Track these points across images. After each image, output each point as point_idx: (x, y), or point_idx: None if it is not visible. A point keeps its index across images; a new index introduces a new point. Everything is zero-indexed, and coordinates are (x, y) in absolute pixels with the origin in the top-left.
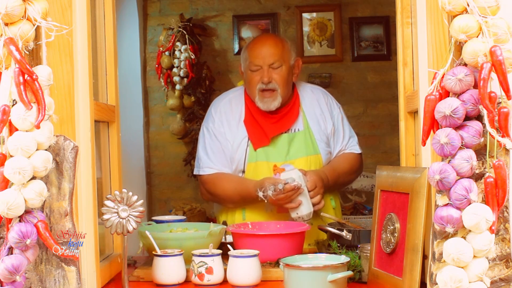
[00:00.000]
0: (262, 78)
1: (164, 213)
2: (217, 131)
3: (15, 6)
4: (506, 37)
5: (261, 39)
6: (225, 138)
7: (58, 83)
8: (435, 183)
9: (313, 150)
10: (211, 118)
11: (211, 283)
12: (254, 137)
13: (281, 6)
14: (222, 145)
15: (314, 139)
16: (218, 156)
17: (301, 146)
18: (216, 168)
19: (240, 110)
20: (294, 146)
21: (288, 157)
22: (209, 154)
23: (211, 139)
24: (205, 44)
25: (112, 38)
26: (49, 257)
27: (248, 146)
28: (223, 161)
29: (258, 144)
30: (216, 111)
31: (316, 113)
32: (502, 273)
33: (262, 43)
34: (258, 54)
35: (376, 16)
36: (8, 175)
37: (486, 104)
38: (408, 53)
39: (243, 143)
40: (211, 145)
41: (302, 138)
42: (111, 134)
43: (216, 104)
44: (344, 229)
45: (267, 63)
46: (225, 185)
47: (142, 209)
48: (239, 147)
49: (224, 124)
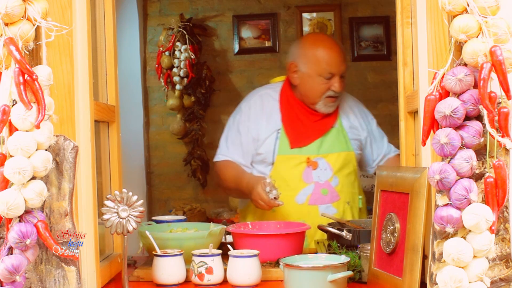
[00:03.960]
0: (334, 87)
1: (164, 213)
2: (242, 124)
3: (15, 6)
4: (506, 37)
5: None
6: (247, 132)
7: (58, 83)
8: (435, 183)
9: (346, 147)
10: (239, 111)
11: (211, 283)
12: (294, 136)
13: (281, 6)
14: (242, 138)
15: (347, 137)
16: (235, 147)
17: (335, 142)
18: (229, 156)
19: (271, 106)
20: (328, 141)
21: (321, 151)
22: (227, 144)
23: (233, 130)
24: (205, 44)
25: (112, 38)
26: (49, 257)
27: (278, 139)
28: (238, 152)
29: (297, 144)
30: (246, 105)
31: (349, 118)
32: (502, 273)
33: (335, 50)
34: (333, 61)
35: (376, 16)
36: (8, 175)
37: (486, 104)
38: (408, 53)
39: (272, 136)
40: (231, 136)
41: (335, 135)
42: (111, 134)
43: (247, 98)
44: (344, 229)
45: (341, 72)
46: (228, 172)
47: (142, 209)
48: (266, 140)
49: (251, 118)
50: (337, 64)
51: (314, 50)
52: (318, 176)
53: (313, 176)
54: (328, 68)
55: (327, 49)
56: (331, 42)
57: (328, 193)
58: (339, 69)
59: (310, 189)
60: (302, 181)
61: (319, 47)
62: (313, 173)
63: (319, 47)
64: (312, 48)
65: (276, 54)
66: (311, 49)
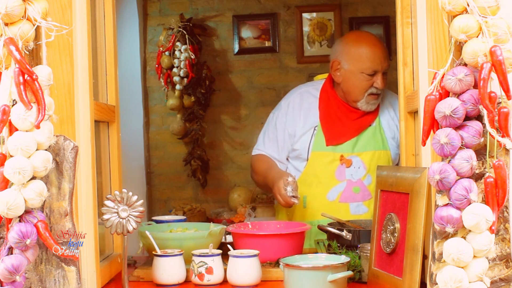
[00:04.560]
0: (377, 84)
1: (164, 213)
2: (279, 120)
3: (15, 6)
4: (506, 37)
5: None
6: (284, 128)
7: (58, 83)
8: (435, 183)
9: (382, 145)
10: (278, 107)
11: (211, 283)
12: (330, 134)
13: (281, 6)
14: (278, 134)
15: (384, 135)
16: (271, 143)
17: (370, 140)
18: (264, 151)
19: (310, 103)
20: (363, 139)
21: (355, 149)
22: (264, 139)
23: (271, 126)
24: (205, 44)
25: (112, 38)
26: (49, 257)
27: (314, 136)
28: (273, 148)
29: (332, 142)
30: (285, 102)
31: (389, 113)
32: (502, 273)
33: (378, 47)
34: (377, 58)
35: (376, 16)
36: (8, 175)
37: (486, 104)
38: (408, 53)
39: (308, 133)
40: (268, 131)
41: (371, 133)
42: (111, 134)
43: (288, 95)
44: (344, 229)
45: (383, 68)
46: (259, 165)
47: (142, 209)
48: (303, 136)
49: (288, 114)
50: (380, 61)
51: (357, 48)
52: (351, 174)
53: (346, 174)
54: (371, 65)
55: (370, 46)
56: (374, 39)
57: (360, 191)
58: (382, 66)
59: (342, 186)
60: (335, 178)
61: (362, 44)
62: (346, 171)
63: (362, 44)
64: (355, 46)
65: (276, 54)
66: (354, 47)
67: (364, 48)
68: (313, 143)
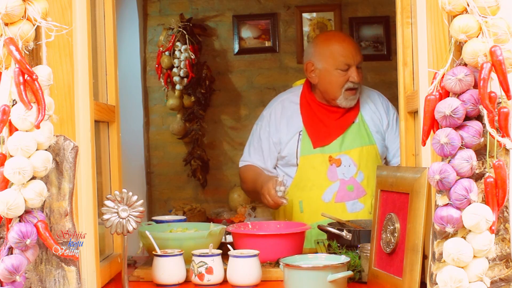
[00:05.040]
0: (352, 78)
1: (164, 213)
2: (263, 130)
3: (15, 6)
4: (506, 37)
5: (343, 37)
6: (268, 137)
7: (58, 83)
8: (435, 183)
9: (368, 140)
10: (261, 118)
11: (211, 283)
12: (316, 136)
13: (281, 6)
14: (263, 144)
15: (369, 130)
16: (256, 153)
17: (356, 137)
18: (251, 162)
19: (292, 110)
20: (349, 137)
21: (343, 148)
22: (250, 150)
23: (255, 137)
24: (205, 44)
25: (112, 38)
26: (49, 257)
27: (300, 141)
28: (259, 157)
29: (319, 143)
30: (267, 112)
31: (371, 108)
32: (502, 273)
33: (348, 42)
34: (349, 53)
35: (376, 16)
36: (8, 175)
37: (486, 104)
38: (408, 53)
39: (293, 139)
40: (253, 142)
41: (356, 130)
42: (111, 134)
43: (269, 105)
44: (344, 229)
45: (356, 62)
46: (247, 175)
47: (142, 209)
48: (289, 143)
49: (271, 123)
50: (352, 54)
51: (327, 46)
52: (343, 173)
53: (337, 173)
54: (344, 60)
55: (340, 42)
56: (342, 35)
57: (354, 189)
58: (355, 59)
59: (336, 186)
60: (327, 179)
61: (332, 41)
62: (337, 171)
63: (332, 42)
64: (325, 44)
65: (276, 54)
66: (325, 45)
67: (335, 45)
68: (301, 147)
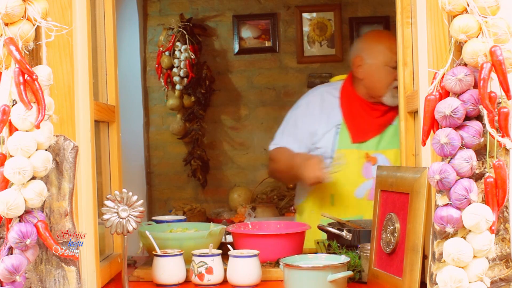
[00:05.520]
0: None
1: (164, 213)
2: (299, 118)
3: (15, 6)
4: (506, 37)
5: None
6: (303, 126)
7: (58, 83)
8: (435, 183)
9: None
10: (297, 106)
11: (211, 283)
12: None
13: (281, 6)
14: (297, 131)
15: None
16: (290, 138)
17: (392, 139)
18: (283, 144)
19: (331, 102)
20: (386, 138)
21: (380, 147)
22: (283, 135)
23: (289, 124)
24: (205, 44)
25: (112, 38)
26: (49, 257)
27: (338, 134)
28: (293, 143)
29: (358, 139)
30: (304, 101)
31: None
32: (502, 273)
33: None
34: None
35: (376, 16)
36: (8, 175)
37: (486, 104)
38: (408, 53)
39: (331, 131)
40: (287, 127)
41: (393, 132)
42: (111, 134)
43: (306, 95)
44: (344, 229)
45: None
46: (281, 155)
47: (142, 209)
48: (325, 135)
49: (308, 113)
50: None
51: (379, 42)
52: None
53: (372, 171)
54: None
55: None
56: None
57: None
58: None
59: (369, 184)
60: (362, 176)
61: (383, 38)
62: (372, 169)
63: (383, 39)
64: (376, 41)
65: (276, 54)
66: (376, 41)
67: (386, 42)
68: (338, 141)
